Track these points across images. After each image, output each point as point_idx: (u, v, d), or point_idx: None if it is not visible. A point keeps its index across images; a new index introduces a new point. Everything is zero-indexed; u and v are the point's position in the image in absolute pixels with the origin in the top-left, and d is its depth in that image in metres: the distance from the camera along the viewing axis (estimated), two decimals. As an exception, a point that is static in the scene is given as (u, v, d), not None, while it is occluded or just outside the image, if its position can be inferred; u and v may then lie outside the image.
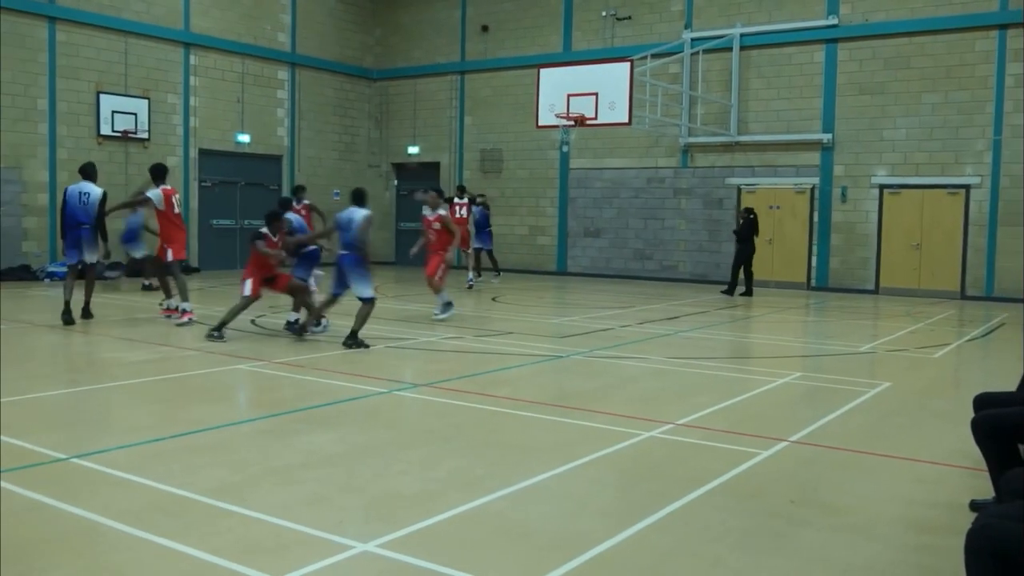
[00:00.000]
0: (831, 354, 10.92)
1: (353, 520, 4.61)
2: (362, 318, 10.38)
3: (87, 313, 12.17)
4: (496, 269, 19.97)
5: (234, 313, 10.82)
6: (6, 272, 17.51)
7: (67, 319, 11.81)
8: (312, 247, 11.45)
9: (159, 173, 12.50)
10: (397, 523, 4.52)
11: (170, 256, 12.37)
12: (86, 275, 12.28)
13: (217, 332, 10.61)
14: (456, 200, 18.31)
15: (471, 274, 18.58)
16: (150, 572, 3.94)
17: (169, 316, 12.58)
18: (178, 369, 9.02)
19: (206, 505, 4.76)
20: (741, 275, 18.39)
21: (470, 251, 18.82)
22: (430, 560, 4.05)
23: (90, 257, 12.14)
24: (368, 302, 10.42)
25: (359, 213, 10.52)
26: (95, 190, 12.08)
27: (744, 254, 18.21)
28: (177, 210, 12.48)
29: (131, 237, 16.11)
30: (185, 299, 12.30)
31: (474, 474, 5.53)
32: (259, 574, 3.85)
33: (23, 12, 18.48)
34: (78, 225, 11.96)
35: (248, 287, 10.77)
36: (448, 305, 12.91)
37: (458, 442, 6.34)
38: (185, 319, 12.15)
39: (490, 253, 19.97)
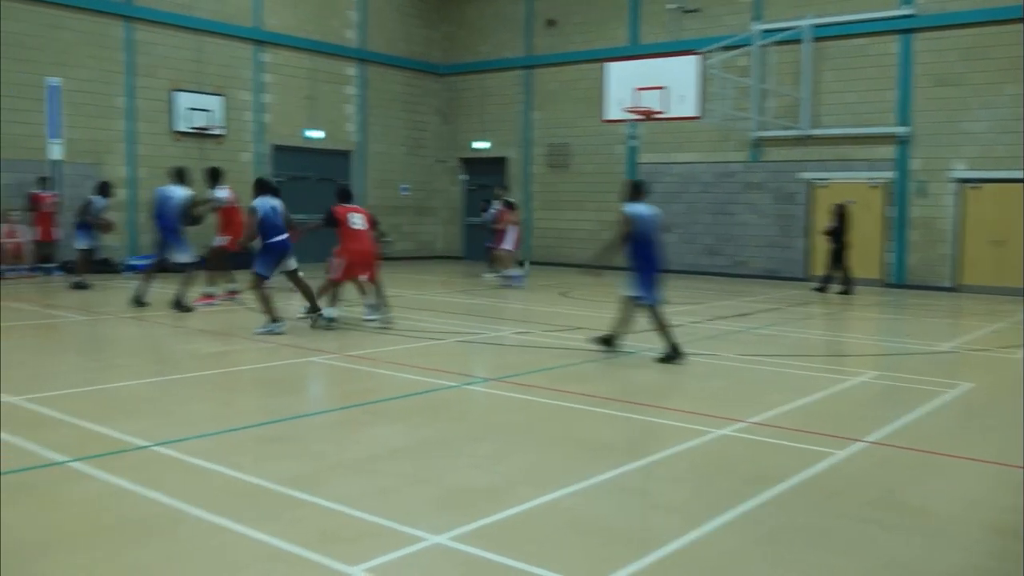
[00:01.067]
0: (909, 353, 10.64)
1: (425, 512, 4.64)
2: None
3: (180, 306, 12.46)
4: (492, 269, 19.02)
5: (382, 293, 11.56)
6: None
7: (137, 303, 12.72)
8: (280, 239, 10.89)
9: (217, 175, 13.77)
10: (468, 516, 4.55)
11: (217, 242, 13.44)
12: (180, 273, 12.83)
13: (382, 314, 11.40)
14: (500, 205, 17.98)
15: (517, 269, 18.16)
16: (231, 556, 4.03)
17: (232, 297, 13.56)
18: (253, 361, 9.20)
19: (281, 494, 4.84)
20: (825, 272, 17.81)
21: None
22: (501, 554, 4.06)
23: (176, 256, 12.98)
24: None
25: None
26: (178, 194, 13.08)
27: (840, 251, 17.61)
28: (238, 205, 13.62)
29: (83, 225, 15.43)
30: (210, 285, 13.41)
31: (545, 469, 5.53)
32: (336, 563, 3.91)
33: (101, 12, 19.03)
34: (161, 227, 13.01)
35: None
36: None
37: (529, 437, 6.35)
38: (202, 302, 13.03)
39: (490, 250, 19.07)
